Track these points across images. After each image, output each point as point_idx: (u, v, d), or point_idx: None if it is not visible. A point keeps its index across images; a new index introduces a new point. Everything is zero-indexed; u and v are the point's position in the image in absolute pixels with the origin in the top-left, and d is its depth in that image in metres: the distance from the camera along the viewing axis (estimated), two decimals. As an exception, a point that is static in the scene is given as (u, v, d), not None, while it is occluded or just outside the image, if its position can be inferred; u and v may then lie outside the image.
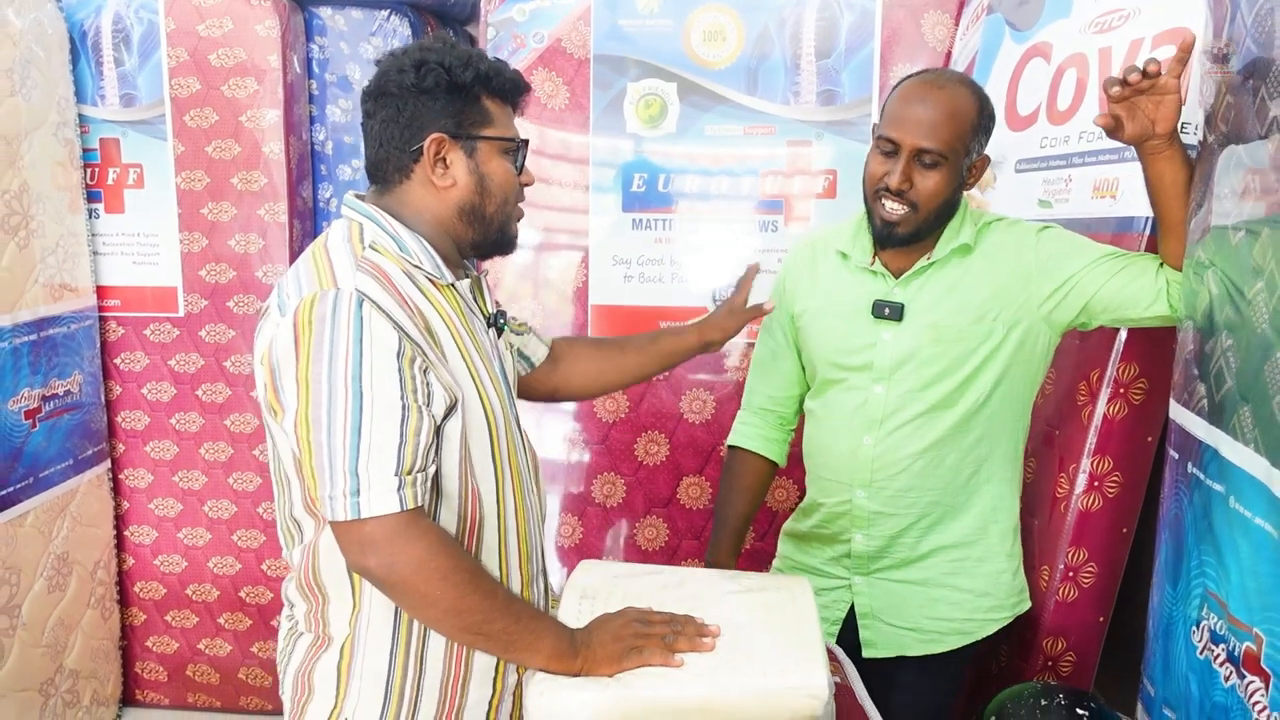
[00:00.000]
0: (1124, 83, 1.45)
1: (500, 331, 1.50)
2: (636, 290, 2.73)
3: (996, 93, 2.24)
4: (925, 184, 1.61)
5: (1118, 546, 1.91)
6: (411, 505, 1.22)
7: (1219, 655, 1.37)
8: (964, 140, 1.61)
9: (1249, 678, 1.27)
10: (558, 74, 2.67)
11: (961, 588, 1.79)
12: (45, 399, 2.77)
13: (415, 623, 1.34)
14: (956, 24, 2.57)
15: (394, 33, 3.00)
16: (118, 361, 3.07)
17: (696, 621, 1.32)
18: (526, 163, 1.45)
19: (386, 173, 1.38)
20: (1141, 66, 1.43)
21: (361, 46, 3.02)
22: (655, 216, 2.70)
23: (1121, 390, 1.84)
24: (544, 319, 2.78)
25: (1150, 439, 1.83)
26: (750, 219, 2.68)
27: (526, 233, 2.71)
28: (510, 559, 1.42)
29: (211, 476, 3.09)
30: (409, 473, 1.22)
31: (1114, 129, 1.51)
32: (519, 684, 1.43)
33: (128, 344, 3.07)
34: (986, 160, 1.69)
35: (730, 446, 1.93)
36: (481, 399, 1.35)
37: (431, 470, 1.26)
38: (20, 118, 2.63)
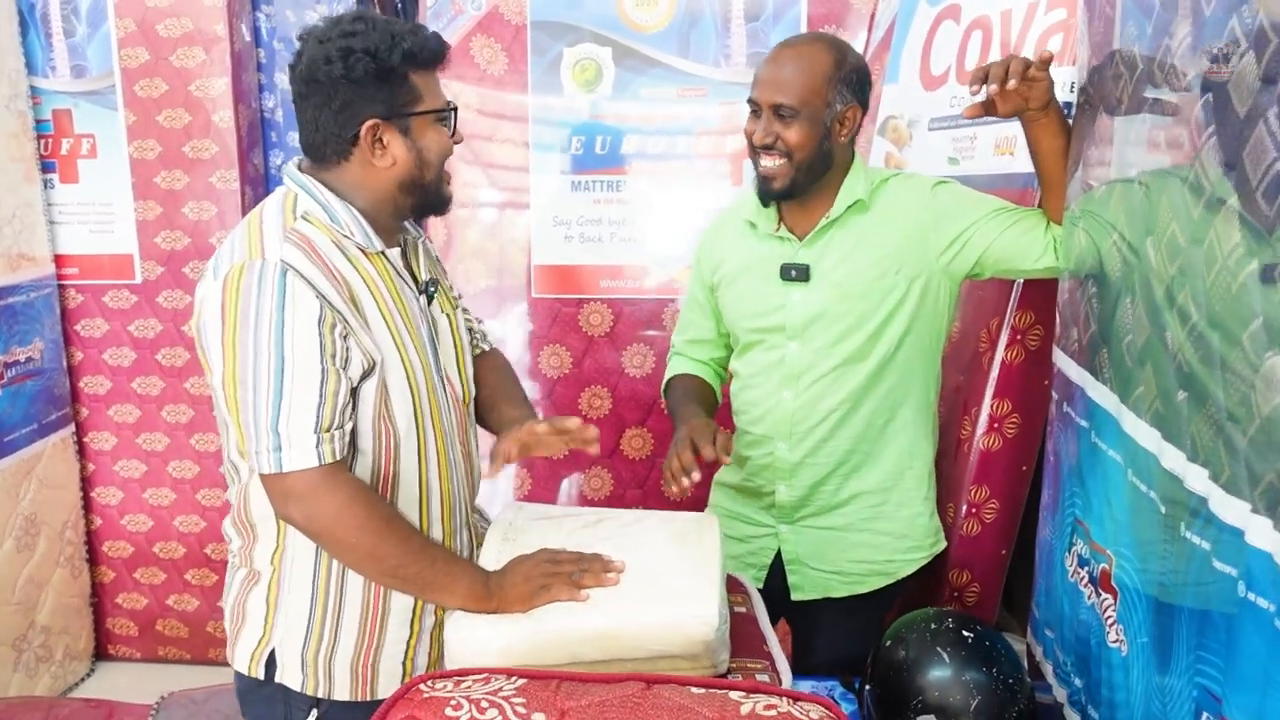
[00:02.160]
0: (994, 79, 1.56)
1: (431, 299, 1.55)
2: (577, 250, 2.82)
3: (912, 54, 2.33)
4: (789, 135, 1.70)
5: (1018, 484, 2.02)
6: (329, 460, 1.33)
7: (1084, 577, 1.49)
8: (818, 93, 1.70)
9: (1103, 595, 1.39)
10: (496, 40, 2.74)
11: (881, 531, 1.89)
12: (7, 365, 2.84)
13: (334, 563, 1.45)
14: (881, -14, 2.65)
15: (339, 0, 3.05)
16: (78, 328, 3.15)
17: (603, 559, 1.41)
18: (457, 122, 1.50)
19: (324, 154, 1.43)
20: (1000, 79, 1.54)
21: (308, 14, 3.06)
22: (594, 179, 2.78)
23: (1019, 337, 1.95)
24: (493, 278, 2.87)
25: (1046, 383, 1.93)
26: (684, 179, 2.77)
27: (471, 193, 2.81)
28: (432, 510, 1.52)
29: (174, 438, 3.18)
30: (326, 430, 1.32)
31: (985, 113, 1.62)
32: (437, 625, 1.53)
33: (87, 311, 3.14)
34: (857, 111, 1.76)
35: (666, 384, 2.03)
36: (403, 361, 1.44)
37: (349, 427, 1.37)
38: (-29, 91, 2.68)
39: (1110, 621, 1.36)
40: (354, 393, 1.39)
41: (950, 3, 2.24)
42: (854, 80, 1.75)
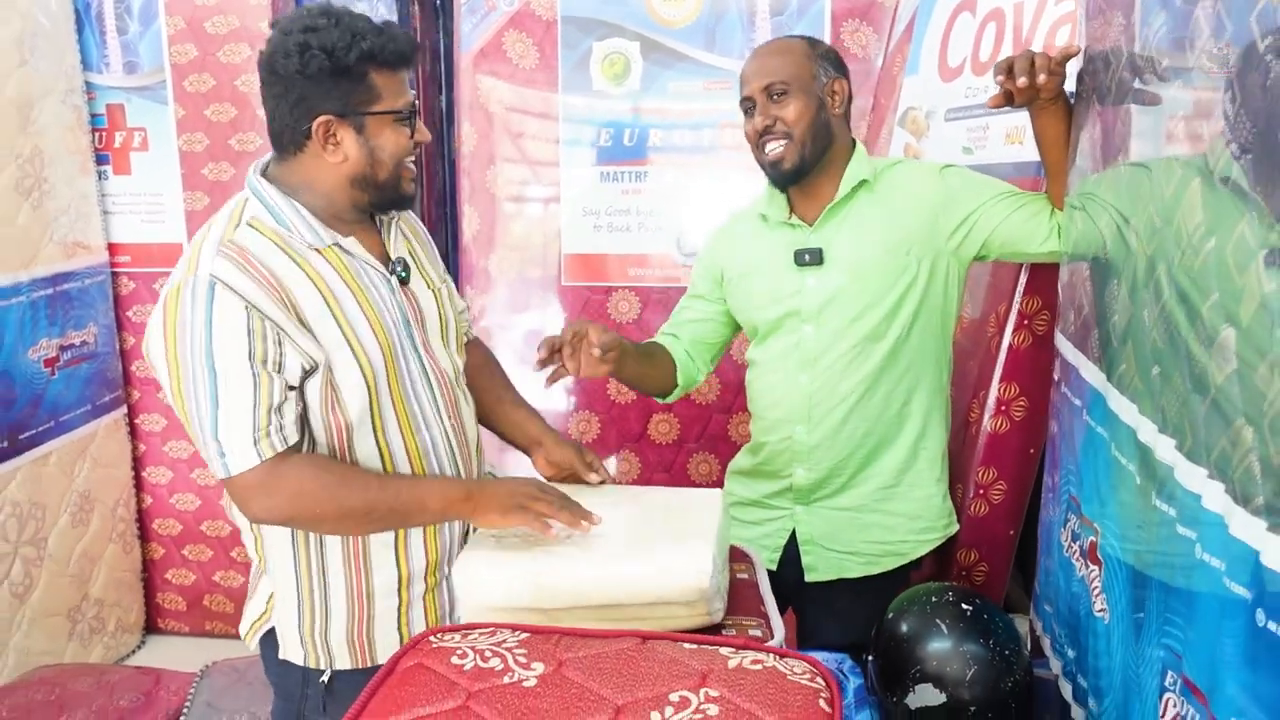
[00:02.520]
0: (1022, 73, 1.59)
1: (404, 281, 1.56)
2: (606, 239, 2.90)
3: (931, 46, 2.37)
4: (785, 113, 1.78)
5: (1025, 465, 2.07)
6: (269, 455, 1.38)
7: (1075, 551, 1.54)
8: (804, 69, 1.79)
9: (1091, 566, 1.44)
10: (528, 35, 2.83)
11: (895, 512, 1.93)
12: (63, 349, 2.99)
13: (311, 546, 1.52)
14: (904, -21, 2.69)
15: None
16: (130, 314, 3.29)
17: (583, 508, 1.46)
18: (420, 121, 1.51)
19: (283, 144, 1.46)
20: (1027, 72, 1.58)
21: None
22: (622, 169, 2.86)
23: (1025, 321, 1.99)
24: (522, 268, 2.96)
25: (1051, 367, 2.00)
26: (712, 169, 2.84)
27: (505, 186, 2.90)
28: None
29: (220, 420, 3.30)
30: (264, 429, 1.37)
31: (1005, 104, 1.66)
32: (429, 591, 1.59)
33: (139, 297, 3.28)
34: (844, 84, 1.84)
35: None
36: (354, 351, 1.45)
37: (290, 417, 1.41)
38: (30, 86, 2.82)
39: (1096, 591, 1.41)
40: (299, 389, 1.43)
41: (968, -5, 2.28)
42: (832, 57, 1.84)
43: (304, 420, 1.45)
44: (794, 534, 1.99)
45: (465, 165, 2.93)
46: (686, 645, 1.21)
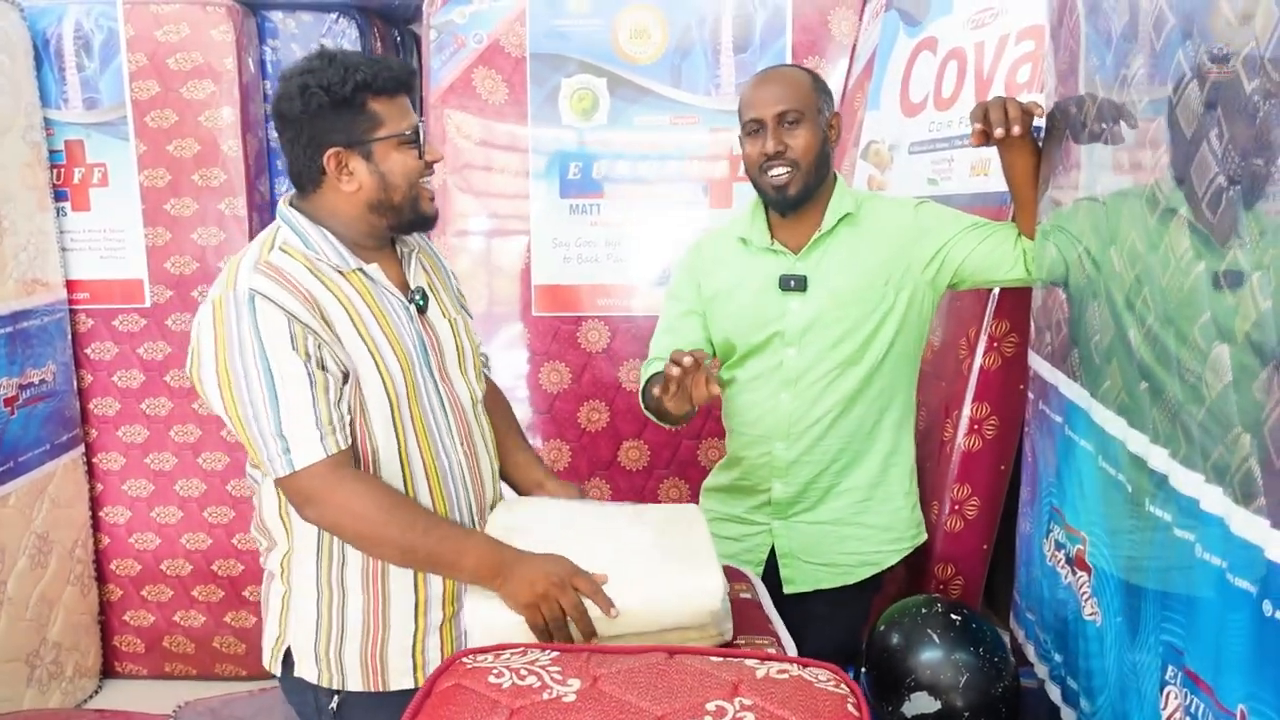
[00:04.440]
0: (997, 124, 1.71)
1: (421, 310, 1.62)
2: (575, 270, 2.95)
3: (893, 83, 2.49)
4: (796, 141, 1.85)
5: (997, 482, 2.16)
6: (334, 450, 1.44)
7: (1060, 559, 1.62)
8: (812, 99, 1.87)
9: (1079, 573, 1.53)
10: (497, 71, 2.88)
11: (868, 524, 2.02)
12: (21, 387, 2.93)
13: (333, 562, 1.56)
14: (860, 19, 2.81)
15: (342, 34, 3.19)
16: (88, 351, 3.24)
17: (603, 596, 1.40)
18: (428, 140, 1.58)
19: (303, 183, 1.56)
20: (1003, 124, 1.69)
21: (312, 47, 3.17)
22: (590, 202, 2.92)
23: (995, 344, 2.09)
24: (491, 302, 2.99)
25: (1022, 387, 2.07)
26: (677, 203, 2.91)
27: (475, 219, 2.94)
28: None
29: (181, 457, 3.27)
30: (328, 423, 1.43)
31: (984, 144, 1.77)
32: (446, 621, 1.62)
33: (97, 334, 3.24)
34: (839, 118, 1.95)
35: (645, 383, 2.02)
36: (380, 371, 1.51)
37: (348, 419, 1.47)
38: (-11, 122, 2.79)
39: (1085, 596, 1.49)
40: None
41: (927, 35, 2.39)
42: (829, 92, 1.94)
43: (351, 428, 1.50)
44: (772, 548, 2.05)
45: (435, 198, 2.95)
46: (713, 658, 1.26)
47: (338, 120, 1.48)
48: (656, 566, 1.48)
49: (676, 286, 2.10)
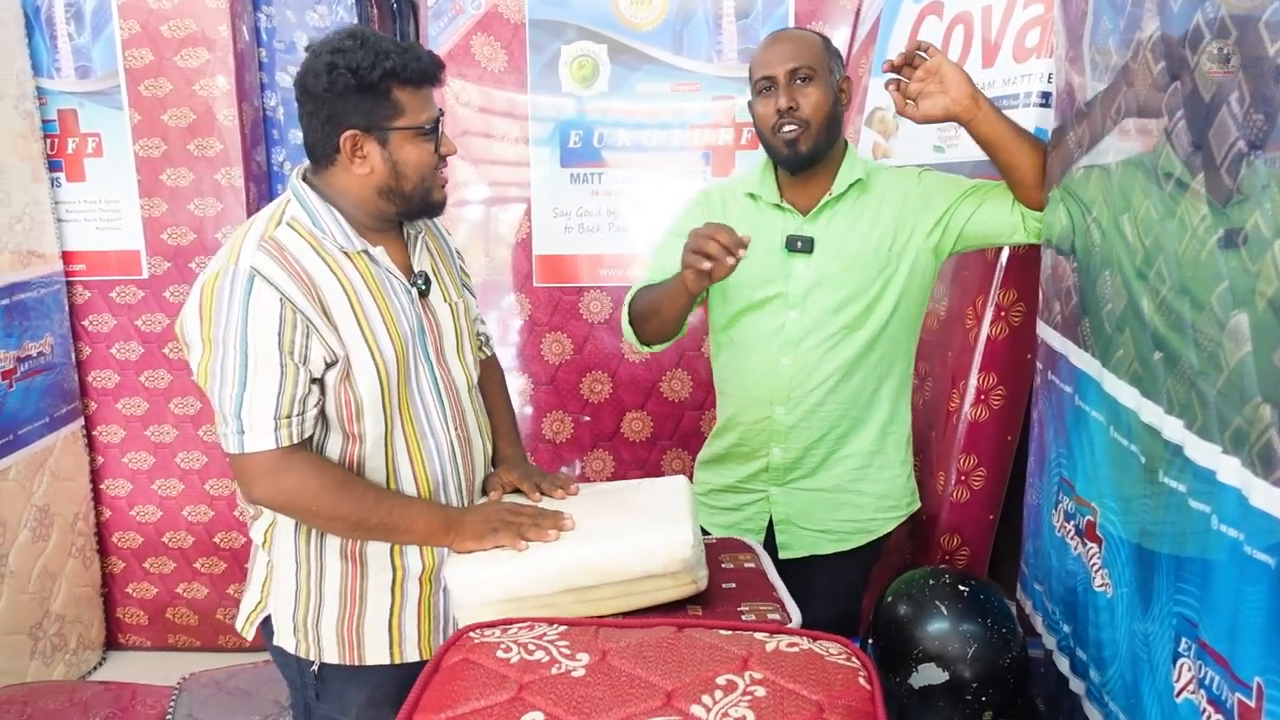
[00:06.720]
0: (898, 68, 1.78)
1: (423, 294, 1.63)
2: (577, 240, 2.92)
3: (898, 48, 2.44)
4: (807, 99, 1.84)
5: (1004, 452, 2.15)
6: (285, 443, 1.47)
7: (1070, 530, 1.61)
8: (823, 58, 1.87)
9: (1089, 544, 1.52)
10: (496, 38, 2.84)
11: (865, 492, 2.02)
12: (19, 360, 2.92)
13: (312, 537, 1.59)
14: (865, -17, 2.76)
15: (339, 1, 3.13)
16: (86, 323, 3.22)
17: (555, 517, 1.53)
18: (445, 131, 1.58)
19: (316, 157, 1.56)
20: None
21: (308, 14, 3.15)
22: (591, 170, 2.89)
23: (1002, 313, 2.07)
24: (491, 270, 2.97)
25: (1029, 356, 2.06)
26: (679, 171, 2.88)
27: (474, 188, 2.91)
28: (403, 488, 1.61)
29: (182, 430, 3.26)
30: (285, 417, 1.46)
31: (901, 108, 1.79)
32: (422, 598, 1.64)
33: (95, 306, 3.22)
34: (849, 82, 1.94)
35: (632, 297, 2.02)
36: (372, 354, 1.53)
37: (309, 415, 1.50)
38: (-20, 92, 2.76)
39: (1096, 568, 1.48)
40: (319, 383, 1.51)
41: (933, -1, 2.36)
42: (839, 55, 1.93)
43: (321, 416, 1.53)
44: (771, 516, 2.05)
45: (446, 185, 2.92)
46: (722, 632, 1.25)
47: (360, 104, 1.49)
48: (631, 520, 1.52)
49: (680, 226, 2.01)
